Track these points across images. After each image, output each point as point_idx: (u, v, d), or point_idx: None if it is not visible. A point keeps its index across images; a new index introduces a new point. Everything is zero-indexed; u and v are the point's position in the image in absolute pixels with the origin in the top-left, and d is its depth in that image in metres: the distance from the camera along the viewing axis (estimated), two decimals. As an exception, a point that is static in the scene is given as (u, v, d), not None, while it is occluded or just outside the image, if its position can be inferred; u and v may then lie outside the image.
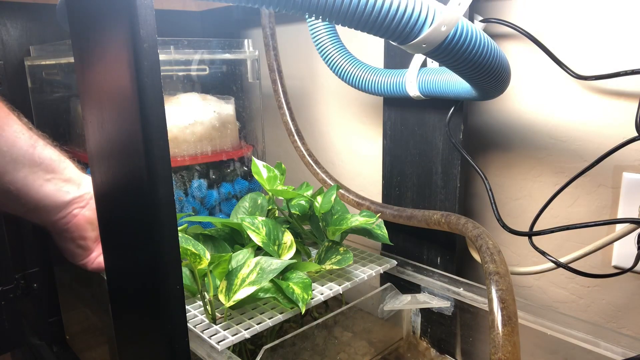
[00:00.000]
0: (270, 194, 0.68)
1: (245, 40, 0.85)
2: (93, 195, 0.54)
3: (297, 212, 0.67)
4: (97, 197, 0.39)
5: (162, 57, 0.76)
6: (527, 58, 0.65)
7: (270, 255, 0.57)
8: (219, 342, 0.49)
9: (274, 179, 0.68)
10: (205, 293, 0.54)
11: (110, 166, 0.35)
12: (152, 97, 0.29)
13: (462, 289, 0.61)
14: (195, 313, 0.56)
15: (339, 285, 0.60)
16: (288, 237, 0.61)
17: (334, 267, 0.59)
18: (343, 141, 0.95)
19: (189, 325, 0.53)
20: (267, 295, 0.54)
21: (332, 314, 0.59)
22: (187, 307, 0.58)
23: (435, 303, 0.63)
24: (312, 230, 0.69)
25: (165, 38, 0.76)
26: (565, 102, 0.63)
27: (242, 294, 0.51)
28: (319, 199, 0.66)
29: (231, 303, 0.51)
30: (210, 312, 0.54)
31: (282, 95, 0.83)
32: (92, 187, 0.54)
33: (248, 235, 0.59)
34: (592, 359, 0.50)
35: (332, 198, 0.65)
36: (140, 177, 0.31)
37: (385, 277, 0.68)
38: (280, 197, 0.68)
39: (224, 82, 0.86)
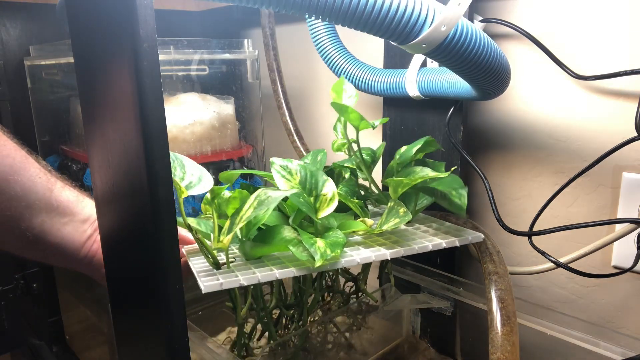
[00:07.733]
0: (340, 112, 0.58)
1: (245, 40, 0.85)
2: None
3: (367, 157, 0.57)
4: (97, 197, 0.39)
5: (162, 57, 0.76)
6: (527, 58, 0.65)
7: (304, 212, 0.47)
8: (206, 284, 0.43)
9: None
10: (211, 235, 0.47)
11: (109, 166, 0.35)
12: (151, 97, 0.29)
13: (462, 289, 0.61)
14: (202, 260, 0.49)
15: (388, 250, 0.49)
16: (330, 188, 0.49)
17: (388, 228, 0.48)
18: (343, 141, 0.95)
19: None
20: (281, 232, 0.47)
21: (332, 314, 0.59)
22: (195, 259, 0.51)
23: (435, 303, 0.63)
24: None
25: (165, 38, 0.76)
26: (565, 102, 0.63)
27: (237, 227, 0.44)
28: (404, 147, 0.56)
29: (227, 237, 0.44)
30: (207, 254, 0.47)
31: (281, 95, 0.83)
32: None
33: None
34: (592, 359, 0.50)
35: (415, 149, 0.53)
36: (140, 177, 0.31)
37: (385, 277, 0.68)
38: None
39: (223, 82, 0.86)
